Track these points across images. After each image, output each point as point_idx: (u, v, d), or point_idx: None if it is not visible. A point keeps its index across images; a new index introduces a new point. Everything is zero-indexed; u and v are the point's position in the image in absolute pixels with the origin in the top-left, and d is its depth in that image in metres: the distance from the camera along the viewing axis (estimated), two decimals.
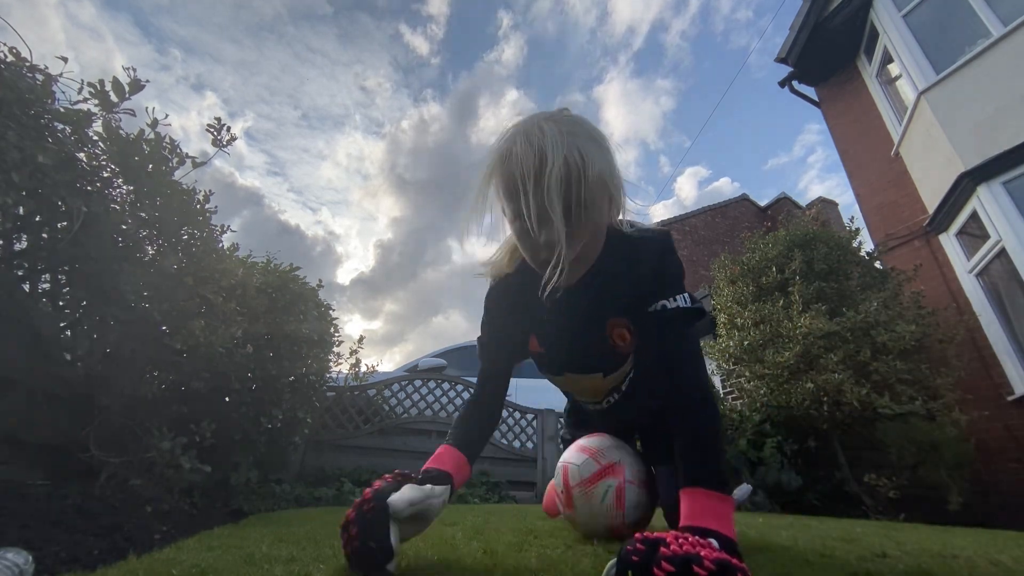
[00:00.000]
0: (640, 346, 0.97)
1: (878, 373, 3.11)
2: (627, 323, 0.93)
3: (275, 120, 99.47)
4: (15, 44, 1.36)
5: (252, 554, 0.88)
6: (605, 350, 0.97)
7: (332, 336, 2.85)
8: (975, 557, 1.03)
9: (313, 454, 3.30)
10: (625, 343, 0.94)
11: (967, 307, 3.88)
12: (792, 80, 5.61)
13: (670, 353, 0.89)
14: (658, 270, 0.89)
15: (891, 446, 3.01)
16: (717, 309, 4.12)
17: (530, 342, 1.01)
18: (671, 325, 0.89)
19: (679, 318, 0.88)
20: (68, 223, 1.44)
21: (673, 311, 0.88)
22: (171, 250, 1.81)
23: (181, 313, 1.72)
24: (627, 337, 0.94)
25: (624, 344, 0.95)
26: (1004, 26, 3.68)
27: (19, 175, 1.26)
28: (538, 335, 1.00)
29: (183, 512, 1.61)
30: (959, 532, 1.73)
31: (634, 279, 0.89)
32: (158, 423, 1.67)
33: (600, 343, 0.96)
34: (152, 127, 1.67)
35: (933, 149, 4.04)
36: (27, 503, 1.18)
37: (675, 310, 0.88)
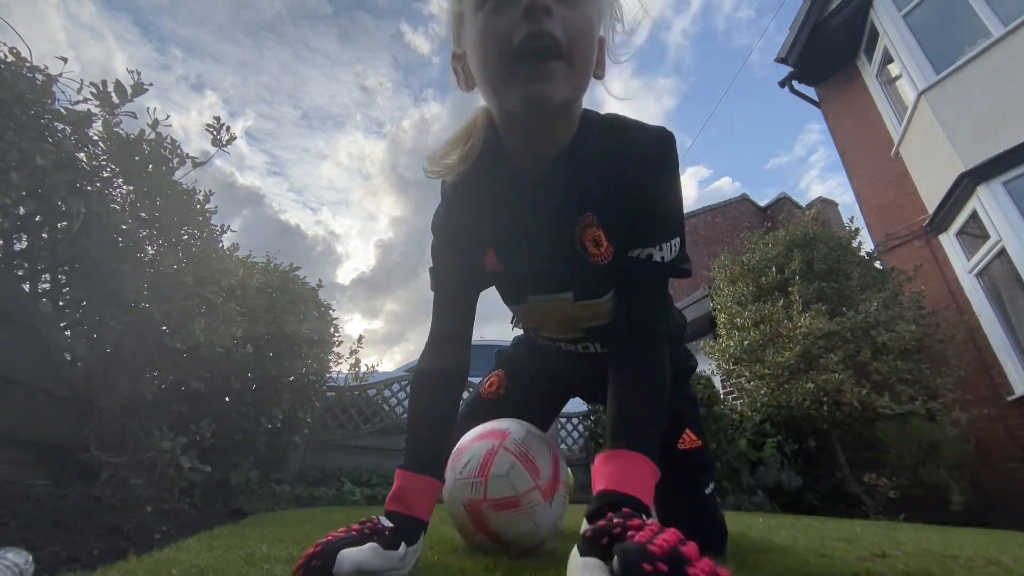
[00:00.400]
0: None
1: (878, 373, 3.11)
2: (603, 230, 0.73)
3: (275, 120, 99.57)
4: (15, 44, 1.37)
5: (252, 554, 0.88)
6: (574, 259, 0.75)
7: (332, 336, 2.85)
8: (975, 557, 1.03)
9: (313, 454, 3.30)
10: (600, 252, 0.73)
11: (967, 307, 3.88)
12: (792, 80, 5.61)
13: (633, 300, 0.75)
14: (651, 190, 0.70)
15: (891, 446, 3.02)
16: (717, 309, 4.12)
17: (486, 258, 0.81)
18: (651, 281, 0.74)
19: (663, 275, 0.74)
20: (68, 223, 1.44)
21: (658, 266, 0.72)
22: (171, 250, 1.81)
23: (181, 313, 1.72)
24: (603, 243, 0.73)
25: (599, 253, 0.73)
26: (1004, 26, 3.68)
27: (19, 175, 1.26)
28: (496, 248, 0.80)
29: (183, 512, 1.61)
30: (959, 532, 1.73)
31: (616, 180, 0.70)
32: (158, 423, 1.67)
33: (568, 249, 0.75)
34: (152, 127, 1.67)
35: (933, 149, 4.04)
36: (27, 503, 1.18)
37: (661, 265, 0.72)
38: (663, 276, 0.75)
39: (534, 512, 0.79)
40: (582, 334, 0.86)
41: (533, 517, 0.80)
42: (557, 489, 0.84)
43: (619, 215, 0.72)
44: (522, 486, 0.79)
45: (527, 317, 0.89)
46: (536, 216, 0.75)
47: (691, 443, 0.93)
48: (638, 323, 0.74)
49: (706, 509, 0.91)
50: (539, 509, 0.80)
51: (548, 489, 0.82)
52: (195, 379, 1.83)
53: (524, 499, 0.79)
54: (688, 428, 0.94)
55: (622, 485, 0.59)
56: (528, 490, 0.79)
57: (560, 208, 0.73)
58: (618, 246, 0.74)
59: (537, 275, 0.81)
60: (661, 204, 0.71)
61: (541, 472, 0.82)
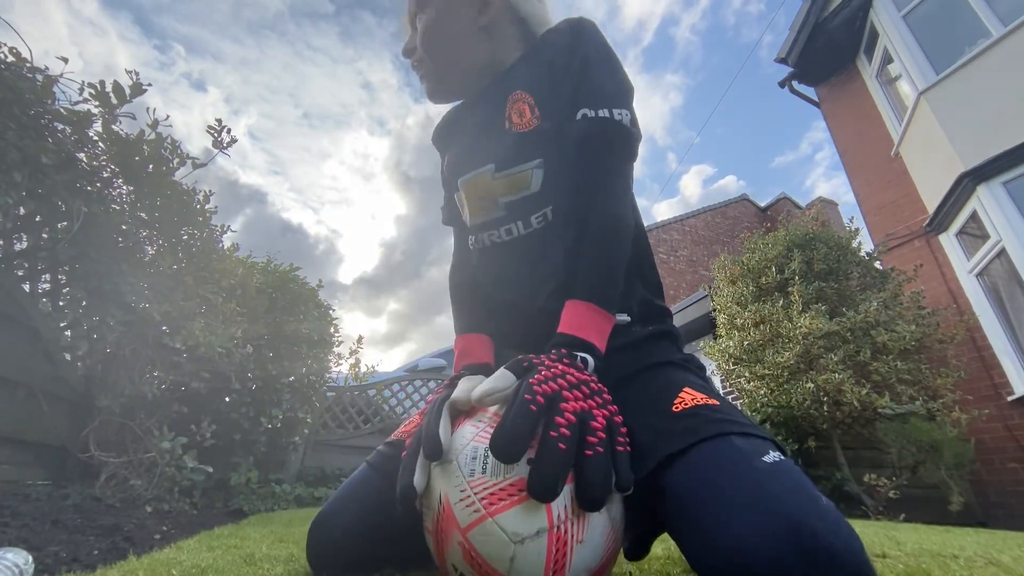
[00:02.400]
0: (553, 171, 0.76)
1: (878, 373, 3.11)
2: (531, 100, 0.77)
3: (276, 119, 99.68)
4: (16, 44, 1.37)
5: (252, 554, 0.88)
6: (499, 134, 0.79)
7: (332, 336, 2.86)
8: (975, 557, 1.03)
9: (313, 454, 3.30)
10: (522, 121, 0.77)
11: (967, 307, 3.88)
12: (792, 80, 5.61)
13: (586, 183, 0.73)
14: (573, 60, 0.75)
15: (891, 446, 3.02)
16: (717, 309, 4.12)
17: (444, 165, 0.93)
18: (590, 144, 0.72)
19: (601, 135, 0.72)
20: (68, 223, 1.44)
21: (594, 122, 0.71)
22: (171, 250, 1.81)
23: (181, 313, 1.73)
24: (526, 113, 0.77)
25: (521, 122, 0.77)
26: (1004, 26, 3.68)
27: (20, 175, 1.26)
28: (445, 151, 0.95)
29: (183, 512, 1.61)
30: (959, 532, 1.73)
31: (541, 56, 0.80)
32: (158, 423, 1.67)
33: (495, 127, 0.81)
34: (152, 127, 1.67)
35: (933, 149, 4.04)
36: (27, 503, 1.18)
37: (597, 121, 0.71)
38: (606, 138, 0.73)
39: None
40: (503, 212, 0.80)
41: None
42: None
43: (547, 85, 0.77)
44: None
45: (461, 206, 0.88)
46: (474, 113, 0.87)
47: (695, 401, 0.61)
48: (590, 178, 0.74)
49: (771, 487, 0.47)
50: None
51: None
52: (195, 379, 1.84)
53: None
54: (687, 387, 0.64)
55: (578, 331, 0.64)
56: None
57: (493, 97, 0.83)
58: (549, 114, 0.76)
59: (466, 156, 0.85)
60: (590, 69, 0.75)
61: None
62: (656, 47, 79.64)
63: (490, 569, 0.49)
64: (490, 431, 0.53)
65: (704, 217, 10.05)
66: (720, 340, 3.96)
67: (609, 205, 0.72)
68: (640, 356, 0.72)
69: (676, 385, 0.65)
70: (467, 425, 0.57)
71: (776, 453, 0.53)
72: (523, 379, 0.55)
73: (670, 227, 9.46)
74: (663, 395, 0.64)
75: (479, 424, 0.56)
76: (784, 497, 0.46)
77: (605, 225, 0.71)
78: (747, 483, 0.49)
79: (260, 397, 2.28)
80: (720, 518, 0.47)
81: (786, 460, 0.53)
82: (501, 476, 0.50)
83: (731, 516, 0.47)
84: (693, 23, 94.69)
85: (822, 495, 0.49)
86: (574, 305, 0.67)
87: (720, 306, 4.07)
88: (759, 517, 0.45)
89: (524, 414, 0.50)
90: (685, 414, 0.59)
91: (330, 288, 58.90)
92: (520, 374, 0.57)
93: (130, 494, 1.50)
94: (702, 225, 9.92)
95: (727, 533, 0.46)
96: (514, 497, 0.49)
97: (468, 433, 0.56)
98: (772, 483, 0.48)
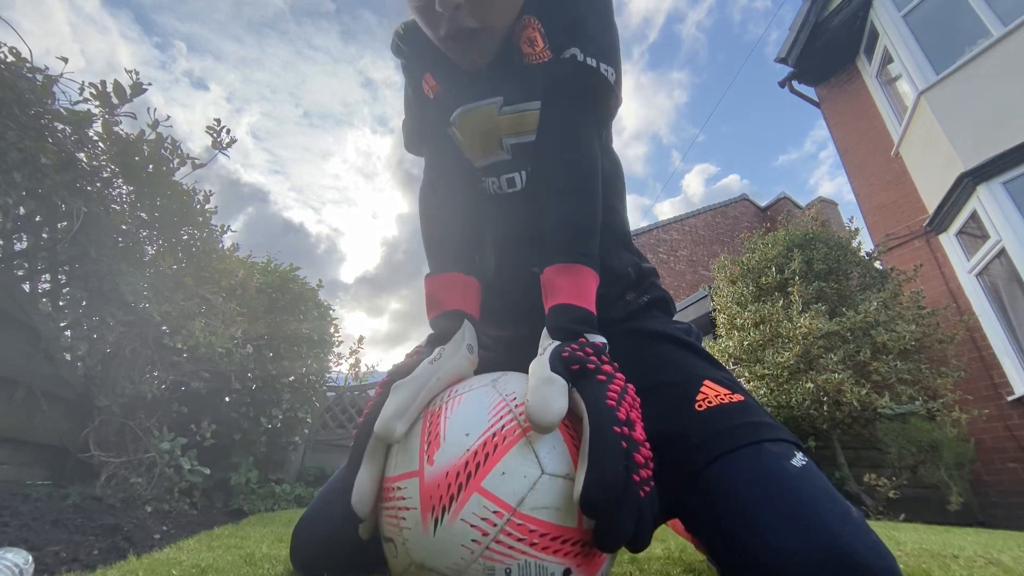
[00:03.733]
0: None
1: (878, 373, 3.11)
2: (541, 28, 0.70)
3: (276, 118, 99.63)
4: (16, 44, 1.37)
5: (252, 554, 0.88)
6: (507, 63, 0.72)
7: (332, 336, 2.86)
8: (975, 557, 1.03)
9: (313, 454, 3.30)
10: (534, 51, 0.71)
11: (967, 307, 3.88)
12: (792, 80, 5.61)
13: (562, 127, 0.69)
14: (575, 10, 0.70)
15: (891, 446, 3.02)
16: (717, 309, 4.12)
17: (424, 84, 0.79)
18: (572, 88, 0.69)
19: (586, 83, 0.69)
20: (68, 223, 1.44)
21: (582, 67, 0.68)
22: (171, 250, 1.81)
23: (181, 313, 1.73)
24: (538, 43, 0.70)
25: (533, 52, 0.71)
26: (1004, 26, 3.68)
27: (20, 175, 1.26)
28: (432, 71, 0.78)
29: (183, 512, 1.61)
30: (959, 532, 1.73)
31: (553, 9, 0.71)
32: (158, 423, 1.67)
33: (503, 54, 0.72)
34: (153, 127, 1.67)
35: (933, 149, 4.04)
36: (27, 503, 1.18)
37: (585, 67, 0.68)
38: (588, 81, 0.69)
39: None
40: (508, 156, 0.75)
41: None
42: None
43: (554, 12, 0.70)
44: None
45: (457, 140, 0.80)
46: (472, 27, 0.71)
47: (719, 397, 0.57)
48: (565, 127, 0.69)
49: (812, 500, 0.47)
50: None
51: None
52: (195, 379, 1.84)
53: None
54: (707, 380, 0.60)
55: (579, 300, 0.58)
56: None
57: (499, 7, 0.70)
58: (552, 50, 0.70)
59: (468, 83, 0.75)
60: (586, 13, 0.70)
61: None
62: (661, 44, 79.87)
63: None
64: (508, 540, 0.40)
65: (704, 217, 10.05)
66: (720, 340, 3.96)
67: (586, 155, 0.67)
68: (639, 329, 0.69)
69: (694, 374, 0.61)
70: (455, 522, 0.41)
71: (801, 455, 0.52)
72: (591, 394, 0.47)
73: (670, 227, 9.47)
74: (681, 386, 0.59)
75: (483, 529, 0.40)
76: (820, 508, 0.46)
77: (583, 175, 0.66)
78: (783, 493, 0.47)
79: (260, 397, 2.28)
80: (758, 533, 0.46)
81: (811, 463, 0.52)
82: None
83: (769, 530, 0.45)
84: (699, 20, 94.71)
85: (850, 504, 0.49)
86: (572, 270, 0.61)
87: (720, 306, 4.07)
88: (797, 531, 0.44)
89: (617, 454, 0.42)
90: (711, 414, 0.55)
91: (332, 287, 57.36)
92: (570, 379, 0.48)
93: (130, 494, 1.50)
94: (702, 225, 9.92)
95: (767, 548, 0.45)
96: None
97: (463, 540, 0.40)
98: (807, 492, 0.47)
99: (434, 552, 0.41)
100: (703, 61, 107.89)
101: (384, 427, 0.49)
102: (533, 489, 0.41)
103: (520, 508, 0.40)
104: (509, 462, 0.42)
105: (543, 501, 0.41)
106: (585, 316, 0.58)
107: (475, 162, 0.77)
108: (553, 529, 0.41)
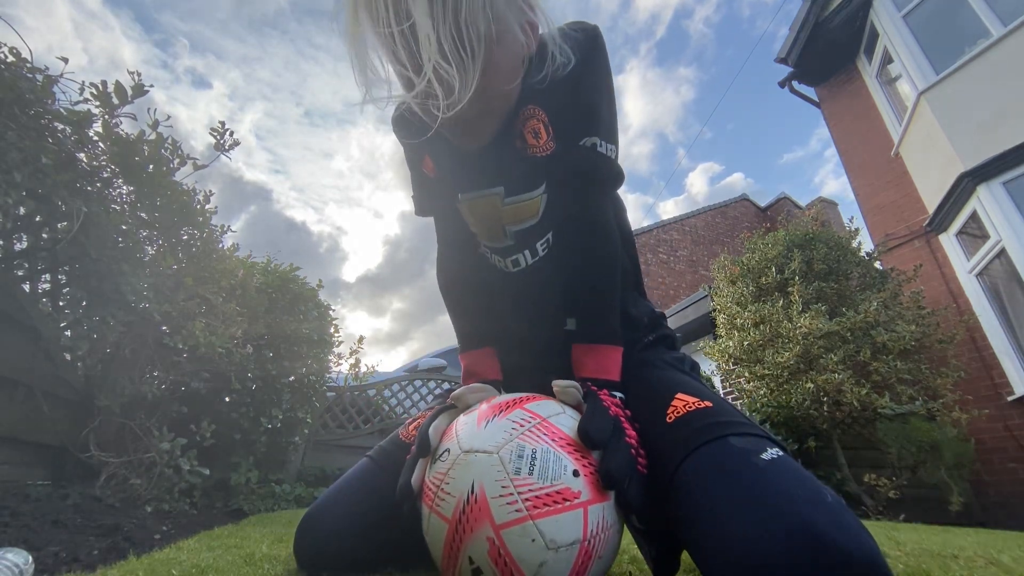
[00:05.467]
0: (553, 195, 0.75)
1: (878, 373, 3.11)
2: (545, 118, 0.69)
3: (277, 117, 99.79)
4: (16, 44, 1.37)
5: (252, 554, 0.88)
6: (508, 153, 0.71)
7: (332, 336, 2.86)
8: (975, 557, 1.03)
9: (313, 454, 3.30)
10: (539, 143, 0.70)
11: (967, 307, 3.88)
12: (792, 80, 5.61)
13: (583, 213, 0.74)
14: (584, 78, 0.69)
15: (891, 446, 3.02)
16: (717, 310, 4.12)
17: (423, 166, 0.80)
18: (592, 176, 0.72)
19: (604, 169, 0.72)
20: (68, 223, 1.44)
21: (604, 158, 0.70)
22: (171, 250, 1.81)
23: (181, 313, 1.73)
24: (542, 134, 0.70)
25: (538, 144, 0.70)
26: (1004, 26, 3.68)
27: (20, 175, 1.26)
28: (431, 153, 0.77)
29: (183, 512, 1.61)
30: (959, 532, 1.73)
31: (557, 73, 0.68)
32: (158, 423, 1.67)
33: (503, 143, 0.71)
34: (153, 128, 1.67)
35: (933, 149, 4.04)
36: (27, 503, 1.18)
37: (606, 158, 0.71)
38: (608, 169, 0.72)
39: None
40: (512, 241, 0.79)
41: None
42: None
43: (560, 101, 0.70)
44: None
45: (464, 215, 0.83)
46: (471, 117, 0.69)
47: (687, 406, 0.61)
48: (589, 212, 0.75)
49: (781, 489, 0.47)
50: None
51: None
52: (195, 379, 1.84)
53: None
54: (679, 393, 0.65)
55: (604, 374, 0.70)
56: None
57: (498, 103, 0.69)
58: (560, 139, 0.71)
59: (468, 171, 0.75)
60: (599, 100, 0.71)
61: None
62: (669, 40, 79.81)
63: (515, 569, 0.48)
64: (537, 433, 0.54)
65: (704, 217, 10.05)
66: (720, 340, 3.96)
67: (608, 241, 0.75)
68: (638, 360, 0.76)
69: (669, 390, 0.66)
70: (502, 420, 0.57)
71: (775, 449, 0.53)
72: (589, 394, 0.63)
73: (670, 227, 9.46)
74: (656, 402, 0.65)
75: (520, 423, 0.56)
76: (788, 494, 0.46)
77: (605, 260, 0.74)
78: (748, 483, 0.48)
79: (260, 397, 2.28)
80: (724, 522, 0.47)
81: (785, 456, 0.52)
82: (548, 481, 0.50)
83: (735, 518, 0.46)
84: (707, 15, 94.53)
85: (828, 490, 0.48)
86: (594, 349, 0.72)
87: (720, 306, 4.07)
88: (764, 517, 0.44)
89: (605, 414, 0.59)
90: (678, 423, 0.59)
91: (334, 286, 57.27)
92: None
93: (130, 494, 1.50)
94: (702, 225, 9.92)
95: (734, 536, 0.45)
96: (559, 505, 0.49)
97: (506, 429, 0.55)
98: (774, 480, 0.48)
99: (482, 438, 0.55)
100: (711, 57, 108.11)
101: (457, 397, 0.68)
102: (558, 415, 0.59)
103: (549, 419, 0.57)
104: (543, 405, 0.60)
105: (564, 423, 0.58)
106: (607, 383, 0.69)
107: (482, 239, 0.83)
108: (569, 438, 0.55)
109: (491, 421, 0.57)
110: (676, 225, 9.60)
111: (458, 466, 0.54)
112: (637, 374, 0.73)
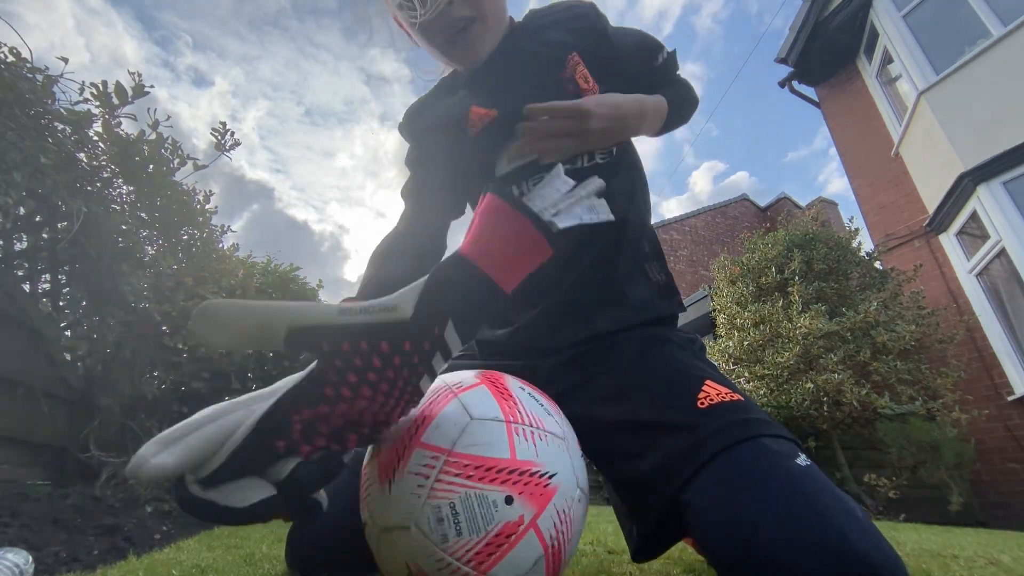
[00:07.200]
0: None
1: (878, 373, 3.11)
2: (585, 70, 0.73)
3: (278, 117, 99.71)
4: (16, 44, 1.37)
5: (252, 554, 0.88)
6: (570, 95, 0.72)
7: None
8: (975, 557, 1.03)
9: None
10: (590, 86, 0.72)
11: (967, 307, 3.88)
12: (792, 80, 5.61)
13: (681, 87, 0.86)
14: (595, 30, 0.75)
15: (891, 446, 3.02)
16: (717, 310, 4.12)
17: (471, 114, 0.74)
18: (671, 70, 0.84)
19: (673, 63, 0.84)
20: (68, 223, 1.44)
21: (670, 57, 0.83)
22: (171, 250, 1.81)
23: (181, 313, 1.73)
24: (590, 79, 0.72)
25: (589, 88, 0.72)
26: (1004, 26, 3.68)
27: (20, 175, 1.26)
28: (479, 99, 0.75)
29: (183, 512, 1.61)
30: (959, 532, 1.73)
31: (575, 24, 0.75)
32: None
33: (560, 84, 0.72)
34: (153, 128, 1.67)
35: (933, 149, 4.04)
36: (27, 503, 1.18)
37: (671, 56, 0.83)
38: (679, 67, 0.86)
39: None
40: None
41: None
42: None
43: (596, 53, 0.74)
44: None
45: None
46: (517, 71, 0.74)
47: (720, 396, 0.57)
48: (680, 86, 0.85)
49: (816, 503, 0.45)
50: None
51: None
52: (195, 379, 1.84)
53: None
54: (709, 380, 0.60)
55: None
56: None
57: (542, 58, 0.74)
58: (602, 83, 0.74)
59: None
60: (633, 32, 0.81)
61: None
62: (676, 37, 79.70)
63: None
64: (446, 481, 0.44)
65: (704, 217, 10.05)
66: (720, 340, 3.96)
67: (695, 101, 0.87)
68: (648, 335, 0.71)
69: (697, 376, 0.61)
70: (403, 475, 0.47)
71: (803, 456, 0.51)
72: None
73: (670, 227, 9.46)
74: (683, 384, 0.60)
75: (424, 474, 0.45)
76: (824, 506, 0.44)
77: (694, 103, 0.86)
78: (784, 489, 0.46)
79: None
80: (756, 525, 0.45)
81: (813, 465, 0.51)
82: (482, 531, 0.44)
83: (768, 523, 0.44)
84: (714, 11, 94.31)
85: (856, 504, 0.48)
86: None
87: (720, 306, 4.07)
88: (800, 528, 0.43)
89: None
90: (713, 411, 0.55)
91: (335, 285, 56.10)
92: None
93: (130, 494, 1.50)
94: (702, 225, 9.92)
95: (765, 542, 0.44)
96: (505, 545, 0.44)
97: (411, 489, 0.46)
98: (810, 490, 0.46)
99: (392, 509, 0.47)
100: (718, 54, 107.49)
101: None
102: (464, 432, 0.47)
103: (454, 448, 0.46)
104: (442, 417, 0.49)
105: (473, 439, 0.47)
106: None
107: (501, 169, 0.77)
108: (485, 461, 0.45)
109: (394, 482, 0.47)
110: (676, 225, 9.60)
111: (384, 546, 0.49)
112: (649, 346, 0.68)
